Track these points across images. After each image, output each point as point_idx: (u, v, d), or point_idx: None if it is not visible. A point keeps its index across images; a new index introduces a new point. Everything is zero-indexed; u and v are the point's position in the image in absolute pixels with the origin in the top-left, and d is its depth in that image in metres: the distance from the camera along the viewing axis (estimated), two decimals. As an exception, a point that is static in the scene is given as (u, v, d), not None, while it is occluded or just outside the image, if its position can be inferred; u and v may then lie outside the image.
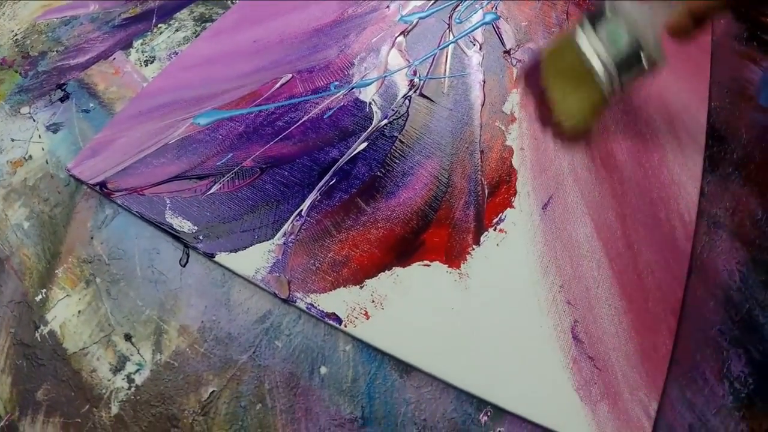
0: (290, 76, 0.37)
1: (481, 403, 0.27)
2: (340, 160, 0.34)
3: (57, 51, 0.43)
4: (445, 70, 0.37)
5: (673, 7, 0.28)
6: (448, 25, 0.40)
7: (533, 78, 0.35)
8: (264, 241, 0.31)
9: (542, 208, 0.32)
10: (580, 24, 0.31)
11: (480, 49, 0.38)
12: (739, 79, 0.37)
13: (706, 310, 0.30)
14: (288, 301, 0.30)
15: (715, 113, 0.36)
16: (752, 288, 0.30)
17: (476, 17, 0.40)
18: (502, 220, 0.31)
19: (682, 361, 0.28)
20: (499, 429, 0.27)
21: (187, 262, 0.32)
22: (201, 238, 0.32)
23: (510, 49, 0.38)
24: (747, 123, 0.36)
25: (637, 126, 0.35)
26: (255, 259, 0.31)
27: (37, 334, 0.31)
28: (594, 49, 0.30)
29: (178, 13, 0.43)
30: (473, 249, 0.31)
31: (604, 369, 0.27)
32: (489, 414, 0.27)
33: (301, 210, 0.32)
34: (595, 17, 0.30)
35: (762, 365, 0.28)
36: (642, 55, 0.29)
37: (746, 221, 0.32)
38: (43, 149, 0.37)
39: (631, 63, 0.29)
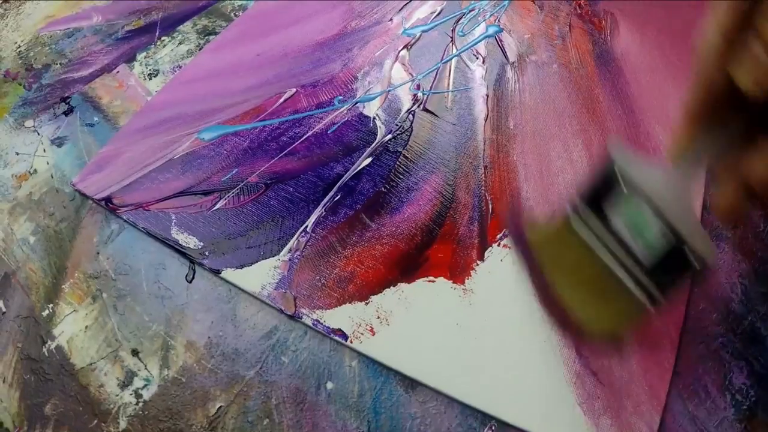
0: (294, 90, 0.37)
1: (485, 418, 0.28)
2: (345, 176, 0.34)
3: (61, 63, 0.43)
4: (449, 84, 0.38)
5: (703, 165, 0.19)
6: (451, 38, 0.40)
7: (530, 264, 0.24)
8: (270, 257, 0.31)
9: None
10: (577, 202, 0.21)
11: (483, 62, 0.39)
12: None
13: (708, 322, 0.30)
14: (294, 317, 0.30)
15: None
16: (754, 300, 0.30)
17: (479, 30, 0.40)
18: (506, 236, 0.32)
19: (684, 373, 0.28)
20: (503, 444, 0.27)
21: (193, 277, 0.32)
22: (207, 254, 0.32)
23: (513, 62, 0.39)
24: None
25: (640, 140, 0.35)
26: (261, 275, 0.31)
27: (44, 349, 0.31)
28: (606, 241, 0.20)
29: (181, 26, 0.43)
30: (477, 265, 0.31)
31: (607, 383, 0.28)
32: (493, 428, 0.27)
33: (307, 226, 0.32)
34: (599, 191, 0.20)
35: (764, 377, 0.28)
36: (686, 251, 0.19)
37: (748, 234, 0.32)
38: (47, 163, 0.38)
39: (671, 261, 0.19)
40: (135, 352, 0.30)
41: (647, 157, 0.22)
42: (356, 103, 0.37)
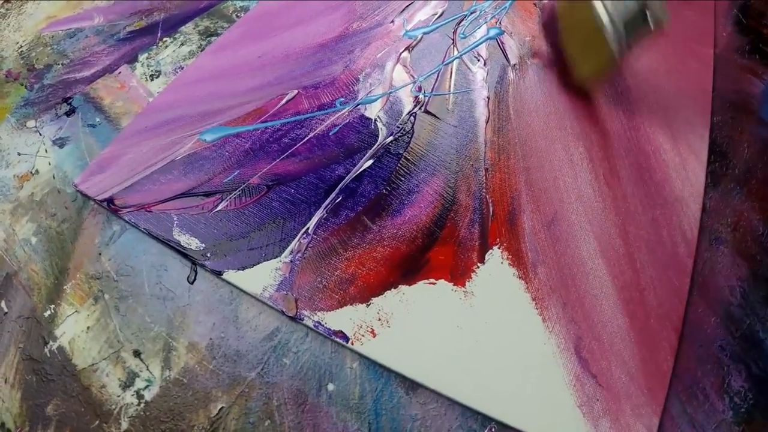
0: (296, 92, 0.38)
1: (485, 420, 0.28)
2: (346, 178, 0.34)
3: (62, 64, 0.43)
4: (450, 86, 0.38)
5: None
6: (453, 40, 0.40)
7: (550, 28, 0.37)
8: (271, 258, 0.32)
9: (546, 226, 0.32)
10: None
11: (484, 64, 0.39)
12: (741, 92, 0.38)
13: (707, 326, 0.30)
14: (295, 319, 0.30)
15: (717, 128, 0.36)
16: (753, 304, 0.30)
17: (480, 32, 0.40)
18: (507, 238, 0.32)
19: (683, 376, 0.29)
20: (503, 445, 0.27)
21: (195, 279, 0.32)
22: (209, 255, 0.32)
23: (514, 64, 0.39)
24: (749, 138, 0.36)
25: (640, 142, 0.35)
26: (262, 277, 0.31)
27: (46, 350, 0.31)
28: (605, 7, 0.31)
29: (183, 27, 0.43)
30: (478, 267, 0.31)
31: (606, 386, 0.28)
32: (493, 430, 0.28)
33: (308, 228, 0.32)
34: None
35: (762, 381, 0.28)
36: (648, 14, 0.31)
37: (747, 237, 0.33)
38: (49, 164, 0.38)
39: (637, 22, 0.31)
40: (137, 353, 0.31)
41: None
42: (358, 105, 0.37)
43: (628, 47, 0.32)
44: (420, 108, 0.37)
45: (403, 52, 0.39)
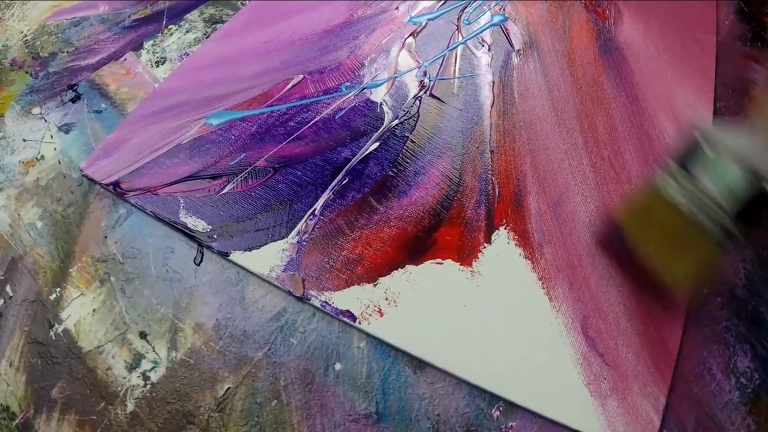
0: (301, 76, 0.38)
1: (493, 398, 0.28)
2: (353, 160, 0.34)
3: (67, 52, 0.43)
4: (455, 71, 0.38)
5: None
6: (457, 26, 0.40)
7: (616, 248, 0.30)
8: (278, 239, 0.32)
9: (552, 207, 0.32)
10: (667, 171, 0.25)
11: (489, 50, 0.39)
12: (744, 79, 0.38)
13: (712, 306, 0.30)
14: (303, 299, 0.30)
15: (720, 113, 0.36)
16: (757, 285, 0.31)
17: (484, 19, 0.40)
18: (513, 219, 0.32)
19: (689, 356, 0.29)
20: (510, 423, 0.27)
21: (201, 260, 0.32)
22: (215, 237, 0.32)
23: (519, 50, 0.39)
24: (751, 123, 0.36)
25: (644, 126, 0.35)
26: (269, 258, 0.31)
27: (51, 333, 0.31)
28: (697, 199, 0.24)
29: (188, 15, 0.44)
30: (484, 247, 0.31)
31: (613, 365, 0.28)
32: (501, 409, 0.28)
33: (315, 209, 0.32)
34: (687, 159, 0.25)
35: (767, 361, 0.28)
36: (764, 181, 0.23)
37: (751, 219, 0.33)
38: (55, 149, 0.38)
39: (758, 203, 0.24)
40: (143, 335, 0.31)
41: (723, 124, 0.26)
42: (363, 89, 0.37)
43: (744, 232, 0.24)
44: (425, 92, 0.37)
45: (408, 37, 0.39)
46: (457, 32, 0.40)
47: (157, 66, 0.41)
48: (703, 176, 0.24)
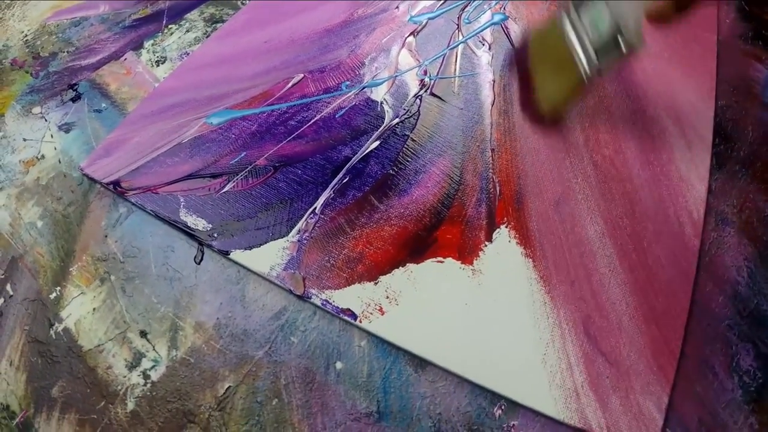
0: (302, 75, 0.38)
1: (495, 397, 0.28)
2: (353, 159, 0.34)
3: (68, 52, 0.43)
4: (455, 70, 0.38)
5: None
6: (457, 25, 0.40)
7: (521, 59, 0.35)
8: (278, 238, 0.31)
9: (553, 206, 0.32)
10: (565, 8, 0.31)
11: (489, 49, 0.39)
12: (745, 77, 0.38)
13: (714, 305, 0.30)
14: (303, 298, 0.30)
15: (721, 112, 0.36)
16: (760, 283, 0.30)
17: (485, 17, 0.40)
18: (514, 218, 0.32)
19: (691, 355, 0.28)
20: (512, 422, 0.27)
21: (201, 259, 0.32)
22: (215, 235, 0.32)
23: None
24: (753, 121, 0.36)
25: (645, 124, 0.35)
26: (270, 257, 0.31)
27: (51, 332, 0.31)
28: (576, 32, 0.30)
29: (188, 14, 0.44)
30: (486, 246, 0.31)
31: (615, 364, 0.28)
32: (503, 408, 0.28)
33: (315, 208, 0.32)
34: (580, 1, 0.30)
35: (770, 359, 0.28)
36: (620, 39, 0.29)
37: (753, 218, 0.33)
38: (55, 149, 0.38)
39: (609, 47, 0.29)
40: (143, 334, 0.30)
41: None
42: (363, 88, 0.37)
43: (599, 73, 0.30)
44: (426, 91, 0.37)
45: (408, 36, 0.39)
46: (457, 31, 0.40)
47: (158, 65, 0.41)
48: (585, 16, 0.29)
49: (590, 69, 0.30)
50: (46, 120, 0.39)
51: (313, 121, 0.36)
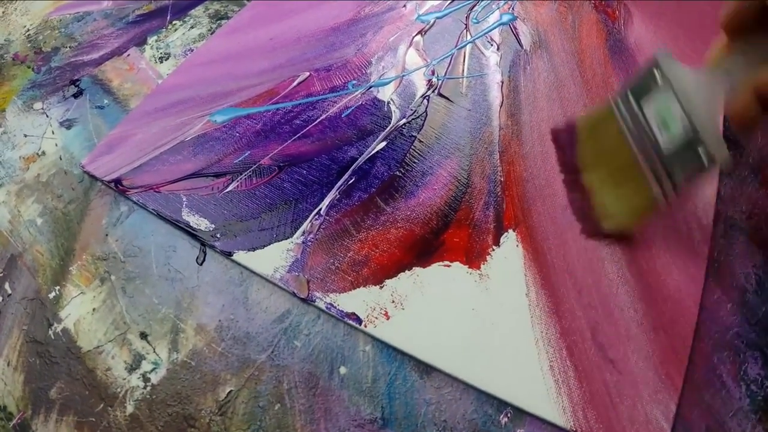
0: (308, 74, 0.37)
1: (501, 405, 0.27)
2: (359, 159, 0.33)
3: (70, 47, 0.42)
4: (463, 70, 0.37)
5: (734, 77, 0.21)
6: (465, 25, 0.40)
7: (567, 148, 0.28)
8: (282, 239, 0.31)
9: (562, 210, 0.32)
10: (621, 96, 0.24)
11: (498, 49, 0.38)
12: (754, 82, 0.38)
13: (723, 312, 0.30)
14: (307, 301, 0.30)
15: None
16: (768, 292, 0.30)
17: (493, 17, 0.40)
18: (522, 221, 0.31)
19: (699, 363, 0.28)
20: (519, 430, 0.27)
21: (204, 260, 0.32)
22: (218, 236, 0.31)
23: (527, 50, 0.39)
24: (763, 126, 0.36)
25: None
26: (273, 258, 0.31)
27: (50, 332, 0.30)
28: (637, 131, 0.23)
29: (192, 10, 0.43)
30: (493, 250, 0.31)
31: (623, 371, 0.27)
32: (509, 415, 0.27)
33: (320, 209, 0.32)
34: (641, 85, 0.23)
35: (779, 368, 0.28)
36: (700, 150, 0.22)
37: (762, 224, 0.32)
38: (56, 145, 0.37)
39: (686, 156, 0.22)
40: (143, 335, 0.30)
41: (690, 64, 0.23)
42: (370, 88, 0.36)
43: (675, 190, 0.23)
44: (433, 91, 0.36)
45: (415, 36, 0.39)
46: (465, 31, 0.39)
47: (161, 62, 0.40)
48: (648, 110, 0.23)
49: (665, 188, 0.23)
50: (47, 116, 0.39)
51: (318, 120, 0.35)
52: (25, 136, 0.38)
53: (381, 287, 0.29)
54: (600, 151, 0.26)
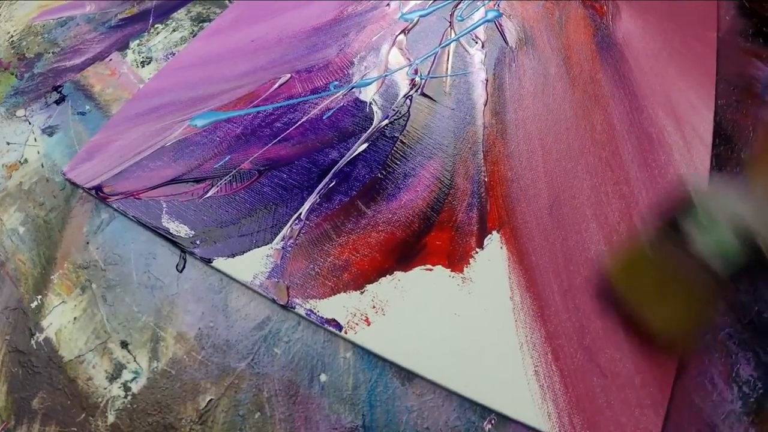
0: (289, 76, 0.37)
1: (485, 411, 0.27)
2: (340, 162, 0.33)
3: (53, 52, 0.42)
4: (447, 69, 0.37)
5: None
6: (450, 23, 0.39)
7: (612, 302, 0.28)
8: (262, 245, 0.31)
9: (548, 211, 0.31)
10: (656, 230, 0.25)
11: (482, 47, 0.38)
12: (745, 75, 0.37)
13: (714, 313, 0.29)
14: (287, 308, 0.29)
15: (721, 111, 0.35)
16: (760, 291, 0.29)
17: (478, 15, 0.39)
18: (506, 223, 0.31)
19: (690, 365, 0.27)
20: (503, 437, 0.26)
21: (183, 267, 0.32)
22: (198, 242, 0.31)
23: (513, 47, 0.38)
24: (754, 121, 0.35)
25: (643, 125, 0.34)
26: (253, 264, 0.30)
27: (32, 341, 0.30)
28: (690, 264, 0.23)
29: (175, 13, 0.43)
30: (476, 252, 0.30)
31: (611, 375, 0.27)
32: (493, 422, 0.27)
33: (300, 213, 0.31)
34: (679, 218, 0.24)
35: (772, 369, 0.27)
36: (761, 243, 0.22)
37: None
38: (38, 152, 0.37)
39: (751, 268, 0.23)
40: (124, 344, 0.30)
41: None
42: (352, 89, 0.36)
43: (734, 283, 0.24)
44: (416, 91, 0.36)
45: (399, 35, 0.38)
46: (449, 29, 0.39)
47: (143, 66, 0.40)
48: (695, 238, 0.23)
49: (720, 296, 0.25)
50: (29, 123, 0.38)
51: (299, 123, 0.35)
52: (8, 143, 0.38)
53: (362, 292, 0.29)
54: (642, 285, 0.27)
